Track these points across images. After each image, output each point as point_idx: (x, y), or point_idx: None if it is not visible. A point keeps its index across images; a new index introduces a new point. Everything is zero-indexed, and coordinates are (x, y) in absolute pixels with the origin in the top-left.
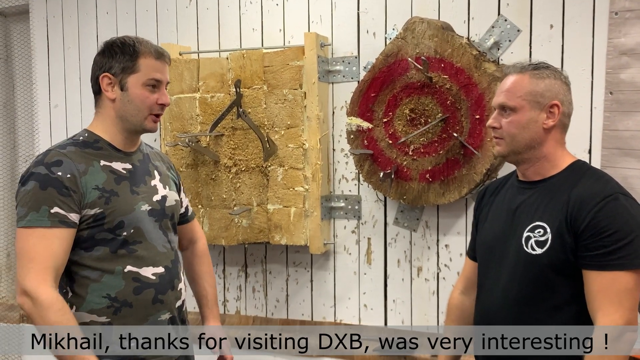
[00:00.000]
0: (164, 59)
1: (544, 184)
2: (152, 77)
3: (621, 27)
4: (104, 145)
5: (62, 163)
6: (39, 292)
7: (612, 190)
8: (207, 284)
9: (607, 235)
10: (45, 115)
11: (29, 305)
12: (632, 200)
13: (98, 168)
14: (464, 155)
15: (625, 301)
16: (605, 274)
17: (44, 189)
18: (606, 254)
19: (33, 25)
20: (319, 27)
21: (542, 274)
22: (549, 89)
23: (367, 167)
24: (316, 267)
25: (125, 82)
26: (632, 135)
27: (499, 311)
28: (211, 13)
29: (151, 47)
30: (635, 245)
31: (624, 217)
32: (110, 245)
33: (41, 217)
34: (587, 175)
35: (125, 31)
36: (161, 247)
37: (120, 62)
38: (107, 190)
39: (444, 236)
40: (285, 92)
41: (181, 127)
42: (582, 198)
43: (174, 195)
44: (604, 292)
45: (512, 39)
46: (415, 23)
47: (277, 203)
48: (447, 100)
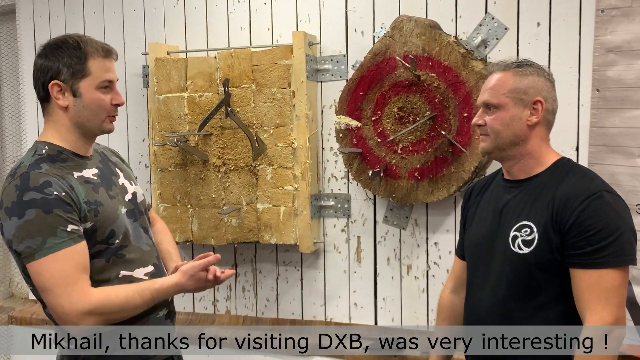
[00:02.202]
0: (111, 56)
1: (530, 182)
2: (104, 79)
3: (607, 25)
4: (68, 155)
5: (51, 183)
6: (93, 302)
7: (597, 188)
8: (169, 245)
9: (592, 234)
10: (32, 116)
11: (98, 319)
12: (617, 198)
13: (76, 182)
14: (453, 153)
15: (612, 299)
16: (591, 272)
17: (49, 212)
18: (592, 252)
19: (19, 25)
20: (307, 25)
21: (529, 273)
22: (532, 86)
23: (356, 166)
24: (306, 266)
25: (77, 88)
26: (619, 132)
27: (487, 310)
28: (199, 12)
29: (97, 45)
30: (621, 243)
31: (608, 215)
32: (104, 256)
33: (62, 239)
34: (571, 173)
35: (113, 30)
36: (145, 246)
37: (69, 66)
38: (92, 202)
39: (433, 234)
40: (273, 91)
41: (169, 126)
42: (567, 196)
43: (139, 189)
44: (591, 290)
45: (499, 37)
46: (403, 21)
47: (267, 202)
48: (435, 98)
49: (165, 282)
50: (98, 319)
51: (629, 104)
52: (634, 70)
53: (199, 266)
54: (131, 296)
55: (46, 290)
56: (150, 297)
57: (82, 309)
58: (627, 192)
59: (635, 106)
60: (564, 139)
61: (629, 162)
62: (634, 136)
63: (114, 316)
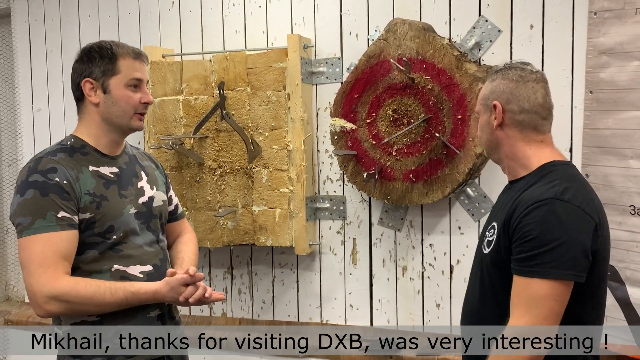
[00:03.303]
0: (141, 59)
1: (515, 184)
2: (133, 77)
3: (600, 27)
4: (89, 150)
5: (57, 170)
6: (59, 287)
7: (549, 195)
8: (186, 254)
9: (526, 240)
10: (28, 119)
11: (62, 306)
12: (574, 208)
13: (88, 174)
14: (447, 155)
15: (534, 308)
16: (520, 278)
17: (45, 195)
18: (524, 259)
19: (15, 29)
20: (302, 29)
21: (489, 273)
22: (493, 91)
23: (351, 168)
24: (302, 268)
25: (107, 85)
26: (612, 133)
27: (467, 310)
28: (194, 15)
29: (128, 48)
30: (556, 254)
31: (549, 224)
32: (99, 248)
33: (49, 223)
34: (543, 179)
35: (108, 34)
36: (148, 247)
37: (100, 66)
38: (97, 195)
39: (428, 235)
40: (268, 94)
41: (165, 129)
42: (520, 201)
43: (161, 195)
44: (517, 296)
45: (493, 40)
46: (397, 24)
47: (262, 204)
48: (429, 100)
49: (144, 287)
50: (62, 306)
51: (622, 105)
52: (626, 72)
53: (182, 280)
54: (101, 292)
55: (23, 267)
56: (124, 297)
57: (48, 292)
58: (620, 193)
59: (628, 108)
60: (558, 140)
61: (622, 163)
62: (627, 138)
63: (80, 307)
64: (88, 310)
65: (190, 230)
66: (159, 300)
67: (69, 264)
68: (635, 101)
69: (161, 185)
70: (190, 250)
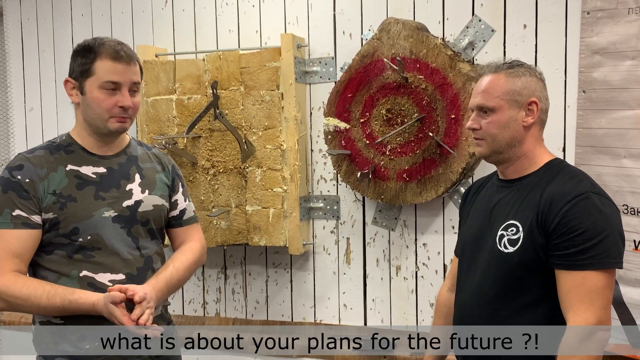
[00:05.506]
0: (121, 60)
1: (521, 182)
2: (107, 80)
3: (593, 27)
4: (76, 149)
5: (23, 167)
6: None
7: (584, 189)
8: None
9: (576, 235)
10: (20, 119)
11: (0, 303)
12: (606, 200)
13: (62, 173)
14: (440, 154)
15: (596, 300)
16: (575, 273)
17: (5, 192)
18: (576, 253)
19: (7, 28)
20: (295, 28)
21: (513, 272)
22: (525, 87)
23: (345, 167)
24: (295, 268)
25: (83, 86)
26: (605, 133)
27: (473, 309)
28: (187, 14)
29: (110, 49)
30: (606, 245)
31: (594, 216)
32: (67, 250)
33: (4, 220)
34: (561, 174)
35: (101, 33)
36: (126, 254)
37: (80, 66)
38: (63, 196)
39: (422, 235)
40: (262, 94)
41: (158, 129)
42: (553, 197)
43: (154, 199)
44: (574, 291)
45: (486, 39)
46: (391, 24)
47: (256, 204)
48: (422, 100)
49: (83, 297)
50: (1, 303)
51: (615, 105)
52: (619, 71)
53: (115, 298)
54: (37, 295)
55: None
56: (60, 304)
57: None
58: (613, 192)
59: (621, 107)
60: (551, 140)
61: (615, 162)
62: (620, 137)
63: (17, 307)
64: (28, 311)
65: (197, 239)
66: (97, 313)
67: (20, 262)
68: (628, 101)
69: (160, 189)
70: (180, 261)
